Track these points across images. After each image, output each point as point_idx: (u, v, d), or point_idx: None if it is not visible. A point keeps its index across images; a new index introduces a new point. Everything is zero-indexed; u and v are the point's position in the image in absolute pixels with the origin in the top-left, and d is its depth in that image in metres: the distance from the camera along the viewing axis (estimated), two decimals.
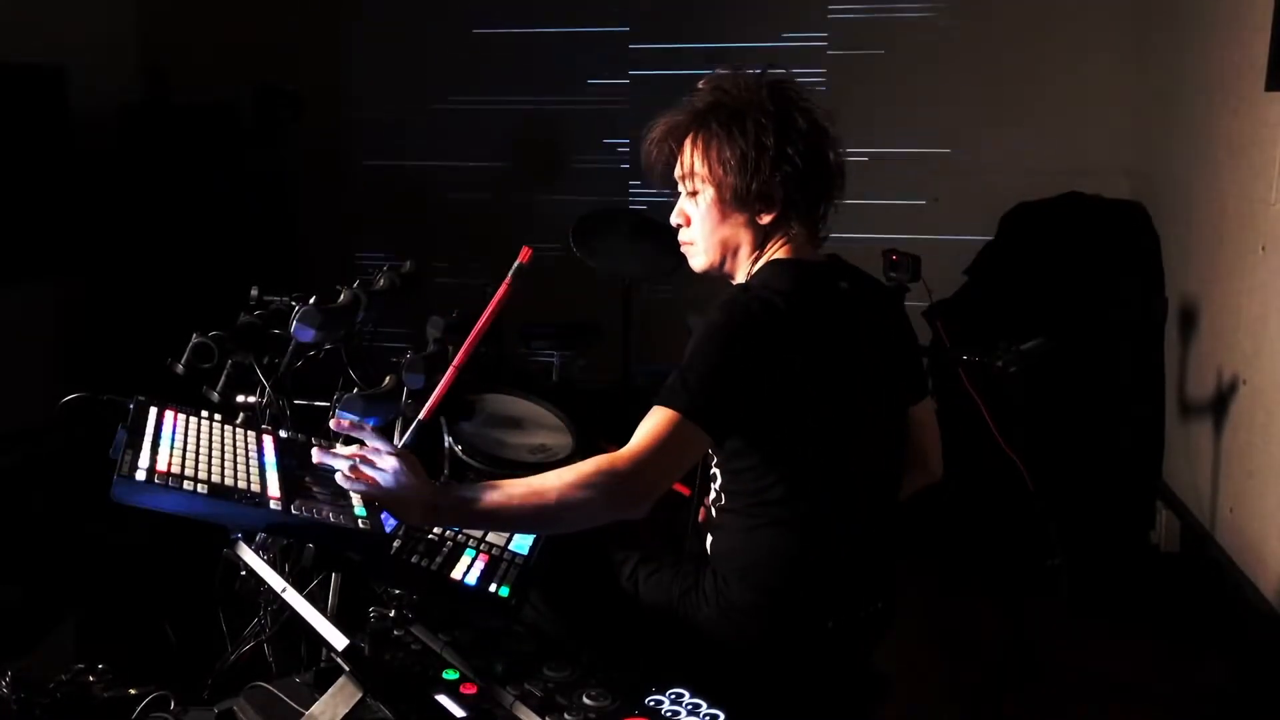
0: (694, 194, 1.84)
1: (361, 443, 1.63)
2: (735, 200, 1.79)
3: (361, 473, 1.58)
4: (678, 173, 1.86)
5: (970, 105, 4.90)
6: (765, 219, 1.80)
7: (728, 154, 1.76)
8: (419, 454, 1.64)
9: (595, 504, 1.57)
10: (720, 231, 1.83)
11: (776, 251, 1.83)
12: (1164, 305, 4.13)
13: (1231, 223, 3.62)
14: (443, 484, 1.63)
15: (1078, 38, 4.78)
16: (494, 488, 1.59)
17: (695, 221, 1.85)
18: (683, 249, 1.91)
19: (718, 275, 1.89)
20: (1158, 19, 4.54)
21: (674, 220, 1.89)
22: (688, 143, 1.83)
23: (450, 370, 1.79)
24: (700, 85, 1.84)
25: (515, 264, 1.80)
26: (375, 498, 1.59)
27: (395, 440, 1.96)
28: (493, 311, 1.77)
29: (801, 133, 1.77)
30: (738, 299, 1.77)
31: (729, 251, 1.85)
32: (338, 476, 1.59)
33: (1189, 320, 3.98)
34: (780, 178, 1.76)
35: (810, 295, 1.78)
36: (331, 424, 1.66)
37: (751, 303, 1.75)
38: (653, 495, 1.62)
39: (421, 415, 1.82)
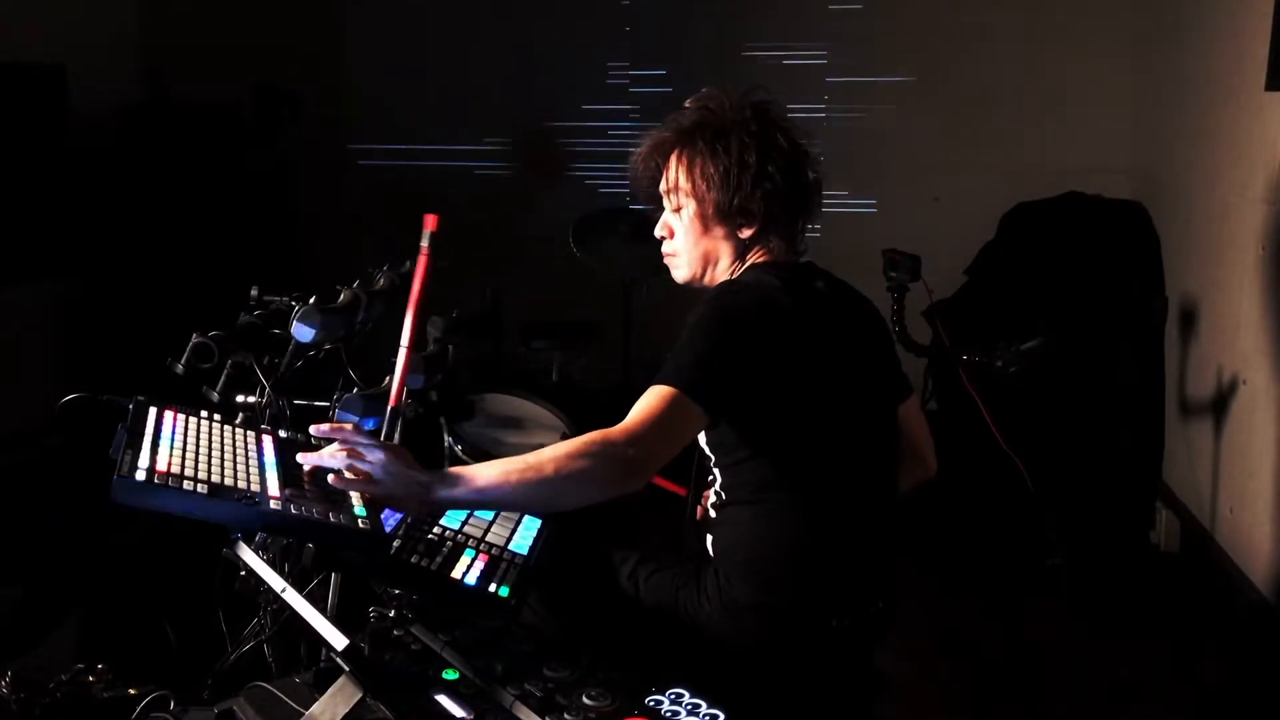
0: (678, 209, 1.91)
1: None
2: (717, 214, 1.87)
3: (351, 470, 1.58)
4: (663, 187, 1.93)
5: (970, 104, 4.89)
6: (746, 233, 1.88)
7: (711, 170, 1.84)
8: (416, 452, 1.64)
9: (593, 473, 1.58)
10: (702, 244, 1.91)
11: (755, 261, 1.90)
12: (1164, 305, 4.13)
13: (1231, 223, 3.62)
14: (437, 471, 1.62)
15: (1077, 38, 4.77)
16: (490, 466, 1.60)
17: (678, 234, 1.93)
18: (666, 260, 1.99)
19: (699, 286, 1.95)
20: (1158, 19, 4.54)
21: (658, 233, 1.97)
22: (673, 158, 1.90)
23: (404, 353, 1.78)
24: (687, 104, 1.92)
25: (426, 233, 1.82)
26: (368, 493, 1.58)
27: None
28: (420, 287, 1.78)
29: (782, 151, 1.84)
30: (727, 290, 1.85)
31: (710, 263, 1.92)
32: (330, 478, 1.58)
33: (1189, 320, 3.98)
34: (761, 194, 1.83)
35: (794, 290, 1.84)
36: (312, 430, 1.64)
37: (741, 292, 1.82)
38: (649, 467, 1.64)
39: (390, 402, 1.81)
